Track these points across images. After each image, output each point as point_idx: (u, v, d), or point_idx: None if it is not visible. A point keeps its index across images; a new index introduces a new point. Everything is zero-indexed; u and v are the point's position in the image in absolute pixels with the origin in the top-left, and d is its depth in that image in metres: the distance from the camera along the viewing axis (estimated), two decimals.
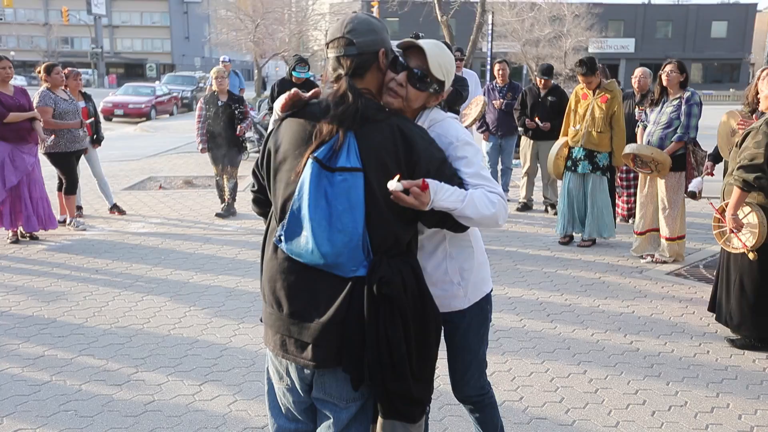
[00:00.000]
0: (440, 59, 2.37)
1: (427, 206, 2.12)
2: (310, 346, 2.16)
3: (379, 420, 2.30)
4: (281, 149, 2.23)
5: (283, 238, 2.15)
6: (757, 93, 4.89)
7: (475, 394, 2.86)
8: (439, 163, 2.20)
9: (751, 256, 4.45)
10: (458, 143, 2.39)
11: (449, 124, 2.43)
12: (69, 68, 8.42)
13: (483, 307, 2.73)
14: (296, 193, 2.11)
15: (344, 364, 2.16)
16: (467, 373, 2.80)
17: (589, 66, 6.85)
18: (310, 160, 2.09)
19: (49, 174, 8.06)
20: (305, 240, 2.09)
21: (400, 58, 2.36)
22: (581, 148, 6.98)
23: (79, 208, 8.42)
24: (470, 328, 2.72)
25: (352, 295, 2.12)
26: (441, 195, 2.15)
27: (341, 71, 2.19)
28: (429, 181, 2.10)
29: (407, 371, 2.15)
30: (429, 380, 2.26)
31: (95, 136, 8.53)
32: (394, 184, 2.05)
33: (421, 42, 2.36)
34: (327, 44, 2.23)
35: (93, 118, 8.44)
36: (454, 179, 2.23)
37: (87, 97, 8.55)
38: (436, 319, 2.26)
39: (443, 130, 2.41)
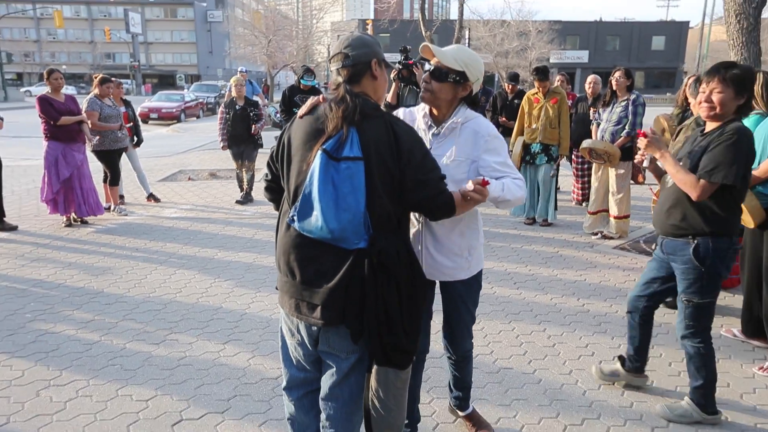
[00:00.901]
0: (455, 55, 2.52)
1: (487, 198, 2.30)
2: (319, 308, 2.18)
3: (374, 369, 2.32)
4: (294, 144, 2.25)
5: (296, 218, 2.16)
6: (686, 98, 4.92)
7: (470, 348, 2.94)
8: (420, 156, 2.19)
9: None
10: (489, 137, 2.55)
11: (481, 121, 2.59)
12: (113, 78, 8.40)
13: (478, 279, 2.80)
14: (307, 179, 2.12)
15: (347, 321, 2.18)
16: (466, 332, 2.87)
17: (543, 73, 7.10)
18: (319, 152, 2.10)
19: (96, 168, 8.02)
20: (316, 218, 2.10)
21: (427, 64, 2.52)
22: (539, 144, 7.07)
23: (122, 197, 8.41)
24: (470, 296, 2.79)
25: (354, 264, 2.13)
26: (491, 188, 2.33)
27: (340, 80, 2.22)
28: (487, 178, 2.29)
29: (400, 327, 2.17)
30: (416, 334, 2.28)
31: (135, 138, 8.52)
32: (470, 186, 2.25)
33: (432, 46, 2.50)
34: (330, 59, 2.27)
35: (132, 122, 8.43)
36: (435, 172, 2.22)
37: (127, 104, 8.52)
38: (423, 284, 2.27)
39: (477, 125, 2.56)
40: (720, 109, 2.85)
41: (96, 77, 7.79)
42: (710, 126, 2.96)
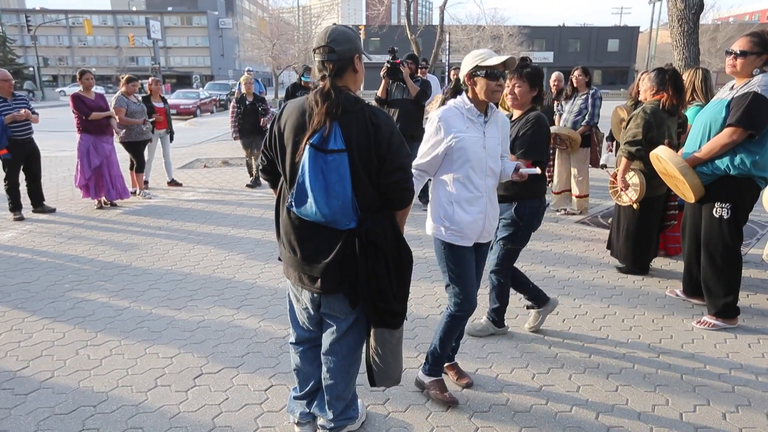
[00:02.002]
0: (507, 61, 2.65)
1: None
2: (319, 279, 2.18)
3: (372, 330, 2.32)
4: (285, 135, 2.17)
5: (293, 204, 2.13)
6: (639, 90, 4.91)
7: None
8: (398, 144, 2.12)
9: (634, 206, 4.50)
10: (508, 123, 2.87)
11: (503, 114, 2.84)
12: (152, 78, 8.34)
13: None
14: (300, 170, 2.07)
15: (344, 290, 2.19)
16: (479, 277, 2.99)
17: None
18: (307, 146, 2.04)
19: (123, 158, 7.94)
20: (310, 205, 2.07)
21: (493, 72, 2.59)
22: None
23: (146, 182, 8.33)
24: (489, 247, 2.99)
25: (346, 242, 2.12)
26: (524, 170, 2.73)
27: (325, 73, 2.10)
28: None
29: (389, 293, 2.16)
30: (405, 299, 2.27)
31: (169, 129, 8.44)
32: (530, 171, 2.72)
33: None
34: (314, 50, 2.13)
35: (165, 116, 8.35)
36: (407, 158, 2.16)
37: (164, 101, 8.42)
38: (408, 256, 2.24)
39: (502, 114, 2.81)
40: (520, 99, 3.18)
41: (123, 77, 7.68)
42: (516, 113, 3.25)
